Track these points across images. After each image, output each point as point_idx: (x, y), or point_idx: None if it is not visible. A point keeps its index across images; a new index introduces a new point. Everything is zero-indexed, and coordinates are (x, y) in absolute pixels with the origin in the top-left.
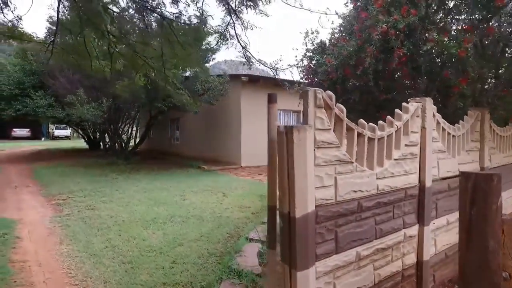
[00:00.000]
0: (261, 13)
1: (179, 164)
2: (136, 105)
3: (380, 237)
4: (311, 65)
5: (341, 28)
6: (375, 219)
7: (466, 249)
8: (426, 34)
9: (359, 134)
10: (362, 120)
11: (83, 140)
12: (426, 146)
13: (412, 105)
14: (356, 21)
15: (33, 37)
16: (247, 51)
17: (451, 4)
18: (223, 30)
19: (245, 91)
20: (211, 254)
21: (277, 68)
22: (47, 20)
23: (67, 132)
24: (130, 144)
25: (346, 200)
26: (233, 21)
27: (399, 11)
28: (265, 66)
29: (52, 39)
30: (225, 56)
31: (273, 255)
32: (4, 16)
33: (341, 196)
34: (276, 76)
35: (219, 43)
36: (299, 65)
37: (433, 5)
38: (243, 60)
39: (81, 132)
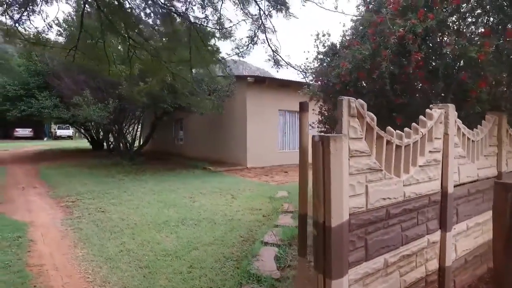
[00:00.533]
0: (290, 16)
1: (184, 165)
2: (141, 106)
3: (405, 244)
4: (322, 67)
5: (353, 31)
6: (401, 225)
7: (506, 258)
8: (444, 38)
9: (387, 142)
10: (390, 128)
11: (86, 140)
12: (448, 152)
13: (436, 112)
14: (369, 24)
15: (57, 42)
16: (278, 54)
17: (466, 7)
18: (252, 34)
19: (251, 92)
20: (228, 258)
21: (307, 71)
22: (51, 23)
23: (69, 132)
24: (134, 145)
25: (375, 208)
26: (264, 25)
27: (416, 15)
28: (295, 69)
29: (75, 45)
30: (224, 55)
31: (304, 262)
32: (30, 22)
33: (372, 204)
34: (303, 79)
35: (249, 47)
36: (310, 67)
37: (447, 9)
38: (271, 62)
39: (84, 132)
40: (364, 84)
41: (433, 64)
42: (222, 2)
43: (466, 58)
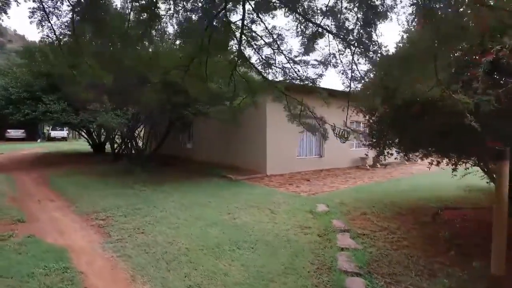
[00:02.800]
0: None
1: (200, 172)
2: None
3: None
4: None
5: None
6: None
7: None
8: None
9: None
10: None
11: (87, 143)
12: None
13: None
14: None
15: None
16: None
17: None
18: None
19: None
20: None
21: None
22: None
23: (64, 133)
24: (145, 150)
25: None
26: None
27: None
28: None
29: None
30: None
31: None
32: None
33: None
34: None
35: None
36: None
37: None
38: None
39: (85, 135)
40: None
41: None
42: None
43: None
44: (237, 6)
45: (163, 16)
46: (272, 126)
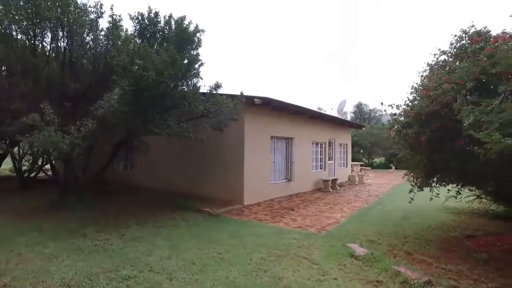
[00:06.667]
0: None
1: (158, 205)
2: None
3: None
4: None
5: None
6: None
7: None
8: None
9: None
10: None
11: None
12: None
13: None
14: None
15: None
16: None
17: None
18: None
19: (249, 115)
20: None
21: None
22: None
23: None
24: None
25: None
26: None
27: None
28: None
29: None
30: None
31: None
32: None
33: None
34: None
35: None
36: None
37: None
38: None
39: None
40: None
41: None
42: None
43: None
44: None
45: None
46: (249, 148)
